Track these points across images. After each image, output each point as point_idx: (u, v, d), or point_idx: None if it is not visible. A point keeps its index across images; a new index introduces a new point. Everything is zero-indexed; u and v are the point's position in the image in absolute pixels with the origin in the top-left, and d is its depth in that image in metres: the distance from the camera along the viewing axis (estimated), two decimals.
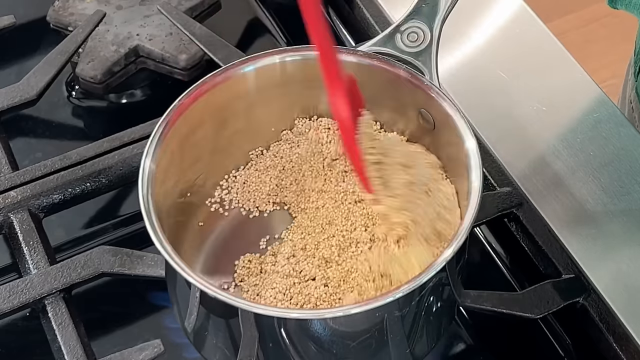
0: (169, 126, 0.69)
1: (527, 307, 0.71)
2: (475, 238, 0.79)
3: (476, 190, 0.66)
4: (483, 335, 0.76)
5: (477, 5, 0.90)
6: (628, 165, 0.79)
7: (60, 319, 0.71)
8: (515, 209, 0.76)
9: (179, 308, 0.70)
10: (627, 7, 0.83)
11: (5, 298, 0.71)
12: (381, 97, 0.73)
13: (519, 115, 0.82)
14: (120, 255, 0.73)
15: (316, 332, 0.65)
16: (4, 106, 0.83)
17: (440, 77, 0.72)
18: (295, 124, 0.76)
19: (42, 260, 0.74)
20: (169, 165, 0.69)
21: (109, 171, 0.79)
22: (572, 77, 0.85)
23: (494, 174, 0.78)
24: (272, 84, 0.73)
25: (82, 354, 0.70)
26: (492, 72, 0.85)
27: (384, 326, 0.65)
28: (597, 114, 0.82)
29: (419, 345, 0.68)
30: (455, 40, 0.87)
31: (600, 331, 0.72)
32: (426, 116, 0.71)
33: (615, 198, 0.77)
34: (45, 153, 0.85)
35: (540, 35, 0.88)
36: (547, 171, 0.79)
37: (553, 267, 0.74)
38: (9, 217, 0.76)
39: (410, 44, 0.72)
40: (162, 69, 0.89)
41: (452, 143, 0.69)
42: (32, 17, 0.94)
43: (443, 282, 0.66)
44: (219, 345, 0.68)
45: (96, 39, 0.89)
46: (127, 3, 0.91)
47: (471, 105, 0.81)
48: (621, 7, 0.84)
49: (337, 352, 0.66)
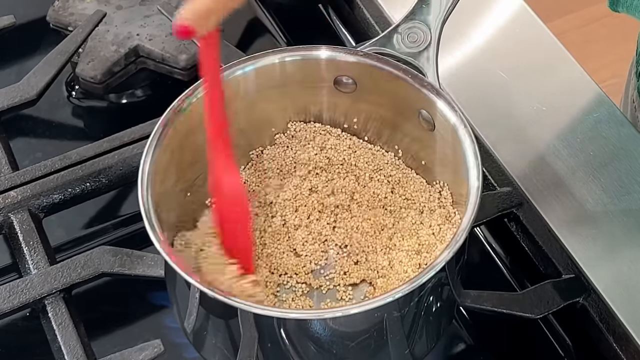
0: (169, 126, 0.69)
1: (527, 307, 0.71)
2: (475, 238, 0.79)
3: (475, 190, 0.66)
4: (483, 335, 0.76)
5: (477, 5, 0.90)
6: (628, 165, 0.79)
7: (60, 319, 0.71)
8: (515, 209, 0.76)
9: (178, 308, 0.70)
10: (628, 10, 0.83)
11: (5, 298, 0.71)
12: (381, 97, 0.73)
13: (519, 115, 0.82)
14: (120, 255, 0.73)
15: (316, 332, 0.65)
16: (4, 106, 0.83)
17: (440, 77, 0.72)
18: (289, 127, 0.76)
19: (42, 260, 0.74)
20: (168, 165, 0.69)
21: (109, 171, 0.79)
22: (572, 77, 0.85)
23: (494, 174, 0.78)
24: (271, 83, 0.73)
25: (82, 354, 0.70)
26: (492, 72, 0.85)
27: (383, 326, 0.64)
28: (597, 114, 0.82)
29: (418, 345, 0.68)
30: (455, 40, 0.86)
31: (600, 331, 0.72)
32: (426, 117, 0.71)
33: (615, 198, 0.77)
34: (45, 153, 0.85)
35: (540, 35, 0.88)
36: (547, 171, 0.79)
37: (553, 267, 0.74)
38: (9, 217, 0.76)
39: (411, 44, 0.72)
40: (162, 69, 0.89)
41: (452, 143, 0.69)
42: (32, 17, 0.94)
43: (442, 282, 0.66)
44: (218, 345, 0.68)
45: (96, 39, 0.89)
46: (127, 3, 0.91)
47: (471, 105, 0.81)
48: (622, 10, 0.84)
49: (337, 352, 0.66)
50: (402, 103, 0.72)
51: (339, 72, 0.73)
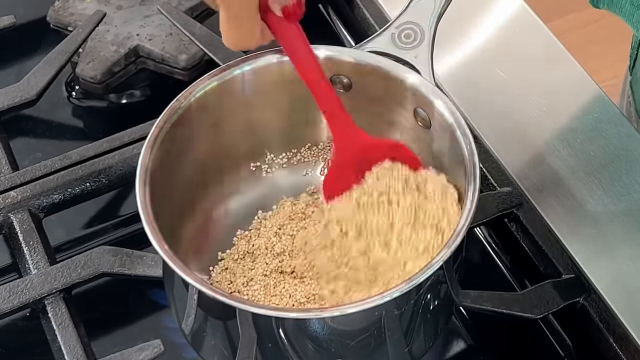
0: (167, 126, 0.69)
1: (527, 307, 0.71)
2: (475, 238, 0.79)
3: (473, 189, 0.65)
4: (483, 335, 0.76)
5: (477, 5, 0.90)
6: (628, 165, 0.79)
7: (60, 319, 0.71)
8: (515, 209, 0.76)
9: (176, 309, 0.70)
10: (609, 7, 0.83)
11: (5, 298, 0.71)
12: (378, 95, 0.73)
13: (519, 115, 0.82)
14: (120, 255, 0.73)
15: (314, 331, 0.65)
16: (4, 106, 0.83)
17: (440, 77, 0.72)
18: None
19: (42, 260, 0.74)
20: (167, 165, 0.69)
21: (109, 171, 0.79)
22: (572, 77, 0.85)
23: (494, 174, 0.78)
24: (271, 83, 0.73)
25: (82, 354, 0.70)
26: (492, 72, 0.85)
27: (381, 325, 0.65)
28: (597, 114, 0.82)
29: (416, 343, 0.68)
30: (455, 40, 0.86)
31: (600, 331, 0.72)
32: (422, 115, 0.71)
33: (615, 198, 0.77)
34: (45, 153, 0.85)
35: (540, 35, 0.88)
36: (547, 171, 0.79)
37: (553, 267, 0.74)
38: (9, 217, 0.76)
39: (406, 43, 0.72)
40: (162, 69, 0.89)
41: (449, 142, 0.69)
42: (32, 17, 0.94)
43: (440, 281, 0.66)
44: (217, 346, 0.68)
45: (96, 39, 0.89)
46: (127, 3, 0.91)
47: (471, 105, 0.81)
48: (603, 6, 0.84)
49: (336, 351, 0.66)
50: (398, 101, 0.72)
51: (335, 71, 0.73)
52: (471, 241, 0.76)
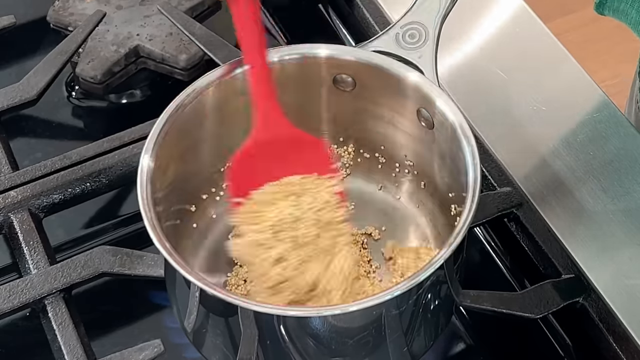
0: (168, 125, 0.69)
1: (527, 307, 0.71)
2: (475, 238, 0.79)
3: (474, 189, 0.66)
4: (483, 335, 0.76)
5: (477, 5, 0.90)
6: (628, 165, 0.79)
7: (60, 319, 0.71)
8: (515, 209, 0.76)
9: (178, 308, 0.70)
10: (614, 14, 0.83)
11: (5, 298, 0.71)
12: (380, 96, 0.73)
13: (519, 115, 0.82)
14: (120, 255, 0.73)
15: (315, 329, 0.65)
16: (4, 106, 0.83)
17: (440, 77, 0.72)
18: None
19: (42, 260, 0.74)
20: (168, 164, 0.69)
21: (109, 171, 0.79)
22: (572, 77, 0.85)
23: (494, 174, 0.78)
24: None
25: (82, 354, 0.70)
26: (492, 72, 0.85)
27: (382, 323, 0.65)
28: (597, 114, 0.82)
29: (417, 342, 0.69)
30: (455, 40, 0.87)
31: (600, 331, 0.72)
32: (425, 115, 0.71)
33: (615, 198, 0.77)
34: (45, 153, 0.85)
35: (540, 35, 0.88)
36: (547, 171, 0.79)
37: (553, 267, 0.74)
38: (9, 217, 0.76)
39: (410, 43, 0.72)
40: (162, 69, 0.89)
41: (451, 142, 0.69)
42: (32, 17, 0.94)
43: (440, 281, 0.66)
44: (218, 344, 0.68)
45: (96, 39, 0.89)
46: (127, 3, 0.91)
47: (471, 105, 0.81)
48: (609, 13, 0.84)
49: (336, 349, 0.66)
50: (401, 102, 0.72)
51: (338, 70, 0.73)
52: (471, 241, 0.76)
